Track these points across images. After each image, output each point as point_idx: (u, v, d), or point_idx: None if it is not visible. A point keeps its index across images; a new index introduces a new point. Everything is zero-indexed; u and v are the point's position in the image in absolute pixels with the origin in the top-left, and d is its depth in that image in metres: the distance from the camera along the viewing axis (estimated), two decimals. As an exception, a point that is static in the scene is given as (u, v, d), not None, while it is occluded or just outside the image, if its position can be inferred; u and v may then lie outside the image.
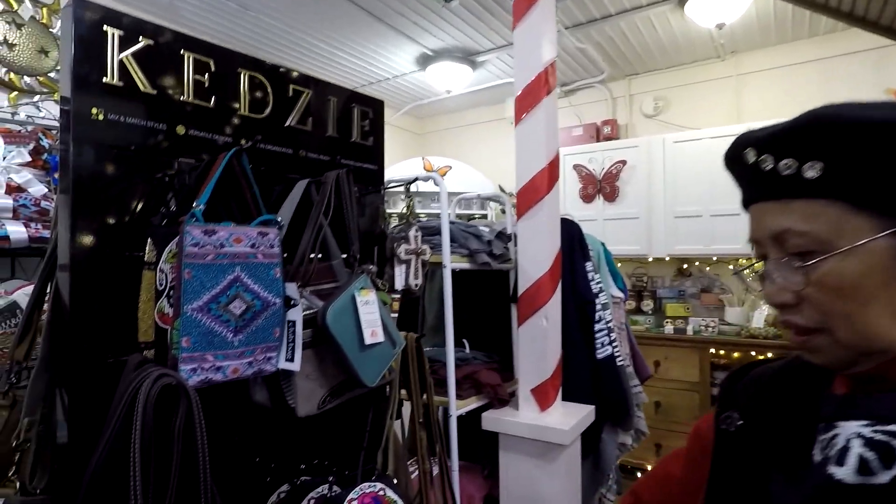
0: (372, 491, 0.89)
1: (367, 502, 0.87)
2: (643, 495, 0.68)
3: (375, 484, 0.89)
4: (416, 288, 1.04)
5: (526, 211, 1.52)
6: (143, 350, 0.77)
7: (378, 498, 0.89)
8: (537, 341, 1.48)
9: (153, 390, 0.62)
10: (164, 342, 0.73)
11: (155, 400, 0.62)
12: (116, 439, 0.63)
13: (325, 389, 0.86)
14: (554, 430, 1.37)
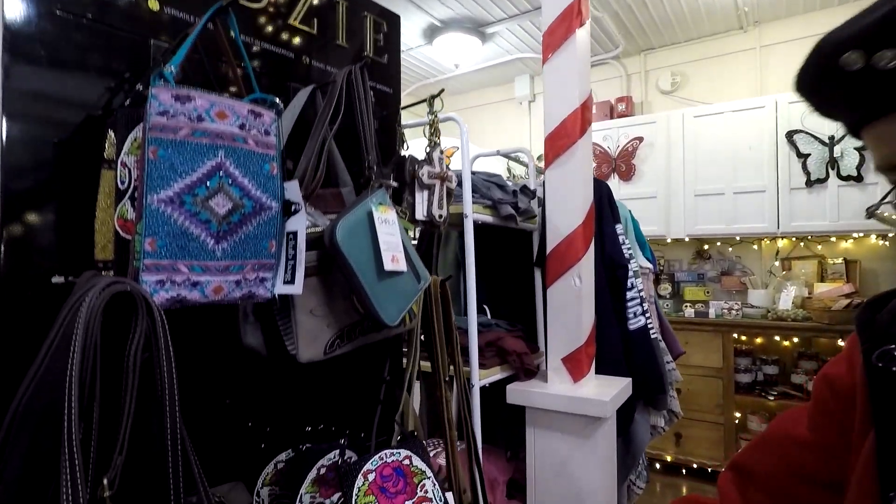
0: (395, 460, 0.71)
1: (389, 473, 0.70)
2: (754, 467, 0.53)
3: (399, 451, 0.72)
4: (441, 220, 0.87)
5: (555, 158, 1.35)
6: (101, 270, 0.60)
7: (402, 468, 0.71)
8: (569, 304, 1.31)
9: (99, 300, 0.45)
10: (125, 257, 0.56)
11: (102, 312, 0.45)
12: (48, 371, 0.46)
13: (332, 330, 0.68)
14: (591, 402, 1.20)
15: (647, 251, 1.98)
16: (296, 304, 0.65)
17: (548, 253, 1.35)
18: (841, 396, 0.46)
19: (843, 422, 0.44)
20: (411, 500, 0.70)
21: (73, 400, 0.42)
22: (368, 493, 0.68)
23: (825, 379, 0.49)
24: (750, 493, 0.52)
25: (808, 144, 2.82)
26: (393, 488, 0.70)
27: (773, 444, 0.53)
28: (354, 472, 0.68)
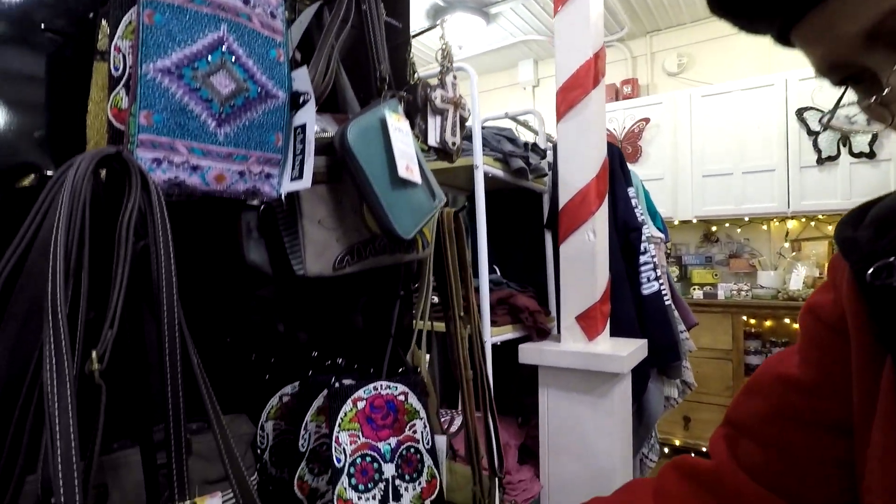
0: (390, 393, 0.67)
1: (380, 405, 0.66)
2: (744, 418, 0.47)
3: (396, 385, 0.67)
4: (454, 149, 0.82)
5: (568, 111, 1.30)
6: (94, 169, 0.55)
7: (395, 403, 0.67)
8: (583, 260, 1.26)
9: (87, 164, 0.41)
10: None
11: (92, 175, 0.40)
12: (34, 264, 0.41)
13: (342, 245, 0.64)
14: (608, 358, 1.16)
15: (658, 221, 1.94)
16: (303, 212, 0.61)
17: (560, 208, 1.31)
18: (830, 327, 0.42)
19: (836, 355, 0.40)
20: (397, 437, 0.66)
21: (59, 265, 0.38)
22: (354, 420, 0.64)
23: (811, 311, 0.45)
24: (741, 447, 0.46)
25: (818, 121, 2.77)
26: (381, 421, 0.65)
27: (762, 390, 0.47)
28: (344, 396, 0.63)
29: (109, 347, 0.38)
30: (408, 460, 0.66)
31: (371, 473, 0.63)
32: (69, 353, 0.36)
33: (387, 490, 0.63)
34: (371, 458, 0.63)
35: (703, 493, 0.46)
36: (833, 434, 0.41)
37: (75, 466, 0.35)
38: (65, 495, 0.35)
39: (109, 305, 0.39)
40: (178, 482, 0.48)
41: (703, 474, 0.47)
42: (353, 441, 0.63)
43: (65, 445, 0.35)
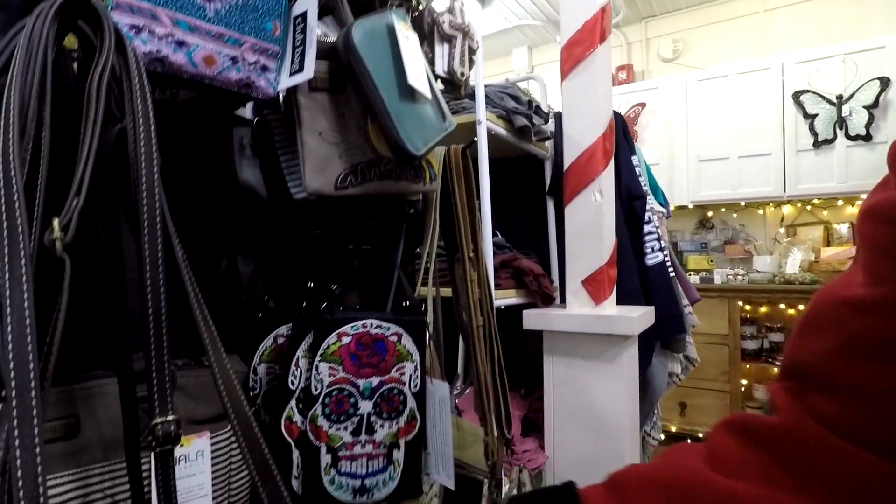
0: (380, 332, 0.61)
1: (367, 342, 0.60)
2: (805, 360, 0.38)
3: (389, 325, 0.62)
4: (462, 79, 0.77)
5: (573, 68, 1.25)
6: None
7: (385, 343, 0.61)
8: (589, 221, 1.21)
9: (50, 11, 0.34)
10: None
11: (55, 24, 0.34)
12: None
13: (344, 163, 0.58)
14: (617, 319, 1.11)
15: (659, 195, 1.90)
16: (302, 122, 0.55)
17: (566, 169, 1.26)
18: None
19: None
20: (381, 377, 0.61)
21: (13, 121, 0.32)
22: (336, 354, 0.59)
23: (873, 214, 0.36)
24: (811, 399, 0.37)
25: (815, 104, 2.76)
26: (366, 359, 0.60)
27: (824, 324, 0.38)
28: (329, 329, 0.58)
29: (75, 218, 0.31)
30: (389, 400, 0.61)
31: (346, 407, 0.58)
32: (24, 218, 0.30)
33: (360, 424, 0.59)
34: (348, 393, 0.58)
35: (770, 457, 0.37)
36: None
37: (30, 352, 0.29)
38: (17, 388, 0.29)
39: (77, 171, 0.33)
40: (160, 407, 0.42)
41: (769, 435, 0.38)
42: (332, 373, 0.57)
43: (17, 325, 0.29)
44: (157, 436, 0.37)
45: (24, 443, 0.27)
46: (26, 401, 0.29)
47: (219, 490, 0.56)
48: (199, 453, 0.53)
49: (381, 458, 0.59)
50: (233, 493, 0.58)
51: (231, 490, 0.58)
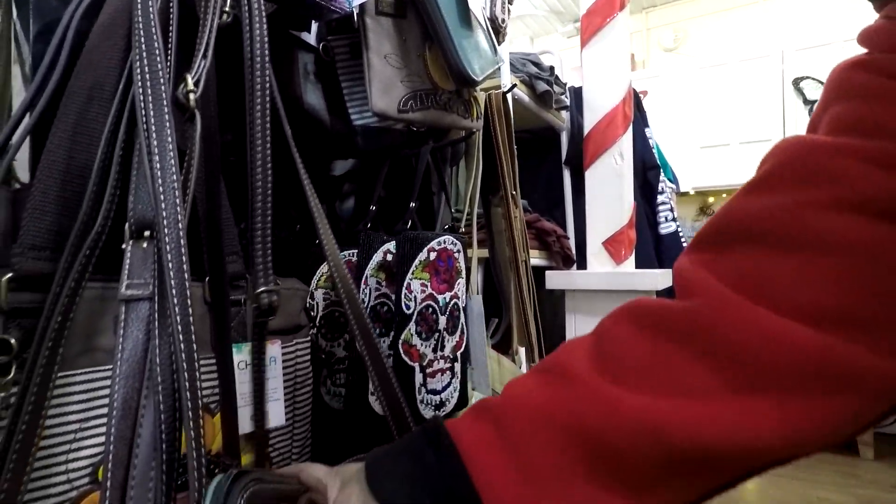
0: (453, 249, 0.63)
1: (445, 258, 0.62)
2: (756, 225, 0.31)
3: (456, 242, 0.64)
4: (503, 26, 0.79)
5: (592, 36, 1.29)
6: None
7: (452, 260, 0.63)
8: (610, 183, 1.24)
9: None
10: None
11: None
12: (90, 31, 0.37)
13: (406, 87, 0.60)
14: (639, 275, 1.14)
15: (668, 172, 1.94)
16: (370, 44, 0.57)
17: (586, 134, 1.29)
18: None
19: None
20: (448, 292, 0.63)
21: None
22: (425, 270, 0.61)
23: (858, 66, 0.33)
24: (746, 262, 0.30)
25: (815, 91, 2.82)
26: (444, 274, 0.63)
27: (794, 176, 0.31)
28: (422, 243, 0.60)
29: (204, 76, 0.34)
30: (451, 315, 0.63)
31: (431, 323, 0.60)
32: (163, 67, 0.32)
33: (439, 339, 0.61)
34: (432, 310, 0.61)
35: (681, 353, 0.30)
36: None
37: (177, 192, 0.31)
38: (169, 226, 0.31)
39: (202, 37, 0.35)
40: (263, 277, 0.44)
41: (676, 321, 0.31)
42: (422, 290, 0.59)
43: (164, 167, 0.31)
44: (261, 304, 0.39)
45: (180, 289, 0.29)
46: (174, 236, 0.31)
47: (285, 400, 0.58)
48: (273, 359, 0.55)
49: (449, 371, 0.61)
50: (298, 405, 0.60)
51: (297, 400, 0.60)
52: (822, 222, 0.29)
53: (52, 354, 0.32)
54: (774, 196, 0.31)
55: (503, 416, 0.33)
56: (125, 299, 0.32)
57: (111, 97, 0.41)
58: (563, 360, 0.34)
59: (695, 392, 0.28)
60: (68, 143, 0.40)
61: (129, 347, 0.30)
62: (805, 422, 0.27)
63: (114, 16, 0.42)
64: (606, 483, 0.29)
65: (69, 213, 0.39)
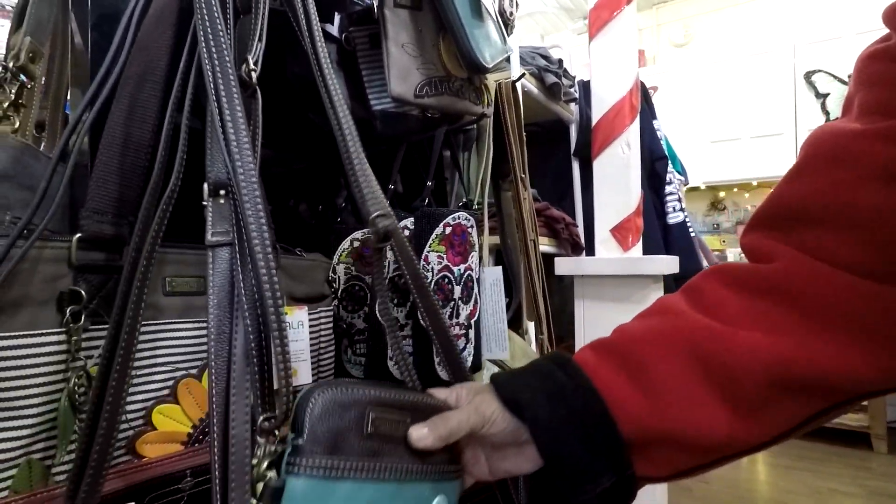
0: (467, 224, 0.68)
1: (459, 233, 0.67)
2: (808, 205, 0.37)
3: (469, 217, 0.68)
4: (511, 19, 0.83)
5: (601, 28, 1.32)
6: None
7: (466, 234, 0.68)
8: (618, 172, 1.28)
9: None
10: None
11: None
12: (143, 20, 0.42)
13: (422, 74, 0.65)
14: (646, 260, 1.18)
15: (677, 164, 1.96)
16: (388, 33, 0.62)
17: (594, 124, 1.33)
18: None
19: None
20: (462, 264, 0.68)
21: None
22: (441, 244, 0.65)
23: (874, 56, 0.37)
24: (808, 237, 0.36)
25: (827, 84, 2.81)
26: (458, 247, 0.67)
27: (827, 159, 0.36)
28: (437, 220, 0.65)
29: (261, 56, 0.39)
30: (465, 285, 0.68)
31: (447, 293, 0.65)
32: (230, 51, 0.37)
33: (454, 308, 0.66)
34: (448, 280, 0.65)
35: (774, 304, 0.35)
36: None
37: (250, 158, 0.36)
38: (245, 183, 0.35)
39: (256, 20, 0.40)
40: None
41: (764, 280, 0.36)
42: (439, 261, 0.64)
43: (238, 134, 0.36)
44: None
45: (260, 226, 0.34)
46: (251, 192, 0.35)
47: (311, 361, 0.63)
48: (300, 323, 0.60)
49: (463, 338, 0.66)
50: (322, 368, 0.65)
51: (321, 364, 0.65)
52: (854, 195, 0.34)
53: (138, 301, 0.37)
54: (813, 179, 0.37)
55: (620, 345, 0.38)
56: (211, 245, 0.37)
57: (162, 79, 0.46)
58: (666, 306, 0.39)
59: (793, 332, 0.34)
60: (125, 121, 0.45)
61: (217, 283, 0.35)
62: (886, 358, 0.32)
63: (162, 7, 0.48)
64: (722, 401, 0.34)
65: (128, 182, 0.45)
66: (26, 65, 0.50)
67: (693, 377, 0.35)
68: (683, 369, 0.35)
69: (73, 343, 0.41)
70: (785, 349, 0.34)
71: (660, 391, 0.35)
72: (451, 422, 0.35)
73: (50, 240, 0.42)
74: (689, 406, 0.35)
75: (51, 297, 0.41)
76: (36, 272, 0.41)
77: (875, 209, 0.33)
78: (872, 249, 0.33)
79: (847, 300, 0.34)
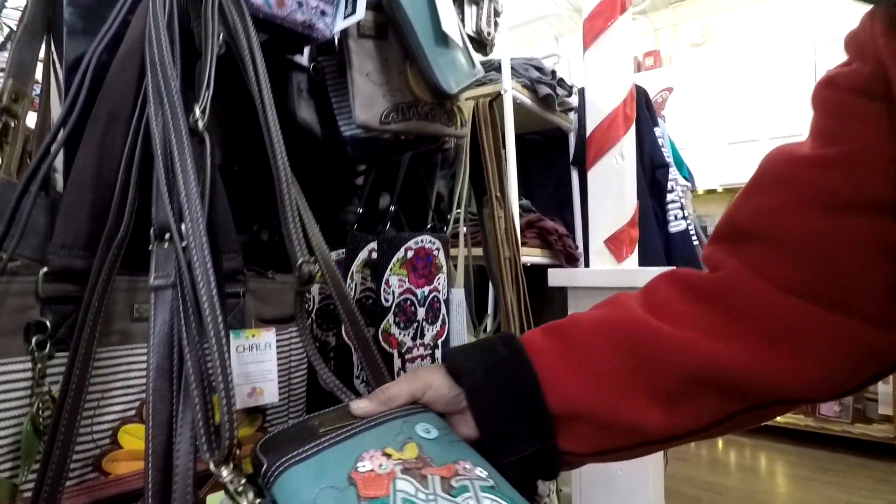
0: (431, 247, 0.69)
1: (423, 256, 0.68)
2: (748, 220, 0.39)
3: (434, 240, 0.70)
4: (489, 39, 0.85)
5: (595, 38, 1.32)
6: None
7: (431, 257, 0.69)
8: (611, 183, 1.27)
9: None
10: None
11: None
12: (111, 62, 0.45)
13: (388, 102, 0.67)
14: (637, 272, 1.17)
15: (683, 170, 1.93)
16: (353, 63, 0.64)
17: (588, 135, 1.32)
18: (858, 91, 0.36)
19: (868, 119, 0.35)
20: (427, 286, 0.69)
21: (164, 41, 0.41)
22: (403, 267, 0.67)
23: (829, 83, 0.38)
24: (752, 252, 0.38)
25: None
26: (422, 270, 0.69)
27: (770, 182, 0.39)
28: (398, 245, 0.66)
29: (208, 104, 0.41)
30: (431, 306, 0.69)
31: (409, 315, 0.67)
32: (180, 100, 0.40)
33: (417, 328, 0.67)
34: (411, 302, 0.67)
35: (712, 309, 0.38)
36: (873, 214, 0.34)
37: (197, 204, 0.38)
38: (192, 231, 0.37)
39: (203, 70, 0.43)
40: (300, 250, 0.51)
41: (706, 287, 0.39)
42: (400, 285, 0.66)
43: (186, 182, 0.38)
44: (302, 273, 0.45)
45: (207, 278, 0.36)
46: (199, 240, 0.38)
47: (281, 382, 0.66)
48: (267, 344, 0.63)
49: (429, 357, 0.68)
50: (293, 387, 0.68)
51: (291, 384, 0.67)
52: (790, 220, 0.37)
53: (92, 333, 0.40)
54: (760, 199, 0.39)
55: (566, 329, 0.42)
56: (154, 287, 0.39)
57: (128, 120, 0.49)
58: (618, 300, 0.43)
59: (721, 335, 0.37)
60: (93, 159, 0.48)
61: (159, 324, 0.38)
62: (807, 368, 0.35)
63: (129, 50, 0.50)
64: (644, 390, 0.38)
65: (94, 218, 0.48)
66: (9, 105, 0.54)
67: (622, 365, 0.38)
68: (616, 356, 0.39)
69: (37, 370, 0.44)
70: (710, 350, 0.37)
71: (590, 373, 0.39)
72: (390, 390, 0.40)
73: (18, 274, 0.45)
74: (614, 390, 0.38)
75: (18, 328, 0.44)
76: (4, 305, 0.44)
77: (810, 235, 0.36)
78: (803, 271, 0.36)
79: (774, 314, 0.36)
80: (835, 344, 0.35)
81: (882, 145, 0.34)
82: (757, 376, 0.36)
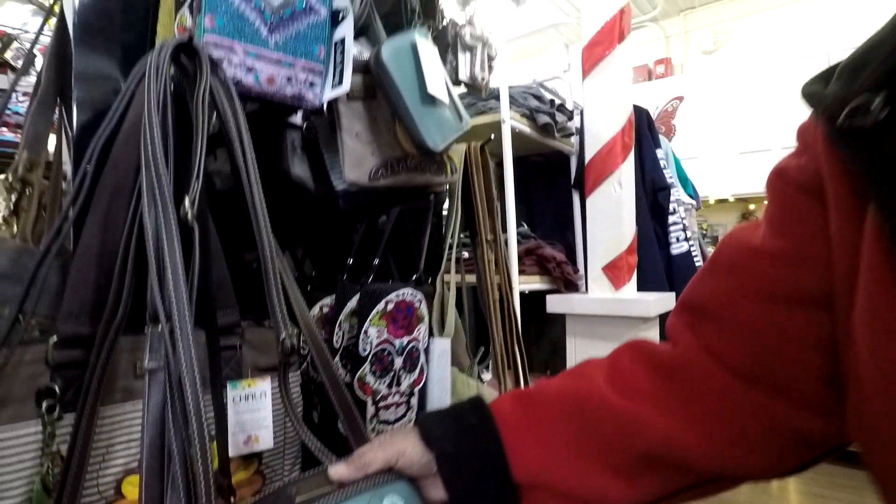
0: (412, 300, 0.72)
1: (403, 308, 0.71)
2: (705, 300, 0.42)
3: (416, 293, 0.72)
4: (483, 84, 0.87)
5: (593, 67, 1.33)
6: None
7: (412, 308, 0.72)
8: (609, 211, 1.29)
9: (167, 52, 0.48)
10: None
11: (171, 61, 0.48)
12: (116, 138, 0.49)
13: (377, 159, 0.70)
14: (634, 302, 1.18)
15: (688, 188, 1.93)
16: (342, 125, 0.67)
17: (587, 162, 1.34)
18: (802, 188, 0.37)
19: (808, 217, 0.36)
20: (407, 337, 0.72)
21: (156, 132, 0.45)
22: (382, 319, 0.70)
23: (780, 174, 0.40)
24: (705, 331, 0.40)
25: None
26: (402, 321, 0.72)
27: (724, 266, 0.41)
28: (377, 298, 0.69)
29: (198, 196, 0.44)
30: (409, 356, 0.72)
31: (386, 364, 0.70)
32: (170, 195, 0.43)
33: (394, 377, 0.70)
34: (388, 352, 0.70)
35: (666, 386, 0.40)
36: (809, 308, 0.35)
37: (184, 292, 0.42)
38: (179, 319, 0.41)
39: (193, 160, 0.46)
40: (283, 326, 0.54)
41: (664, 363, 0.41)
42: (378, 336, 0.69)
43: (174, 271, 0.42)
44: (285, 348, 0.48)
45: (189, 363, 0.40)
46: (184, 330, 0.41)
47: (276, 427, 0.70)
48: (262, 393, 0.66)
49: (404, 405, 0.71)
50: (289, 430, 0.71)
51: (287, 427, 0.71)
52: (740, 306, 0.39)
53: (96, 396, 0.44)
54: (716, 281, 0.42)
55: (534, 399, 0.45)
56: (150, 370, 0.43)
57: (129, 194, 0.53)
58: (583, 372, 0.46)
59: (672, 412, 0.39)
60: (98, 231, 0.52)
61: (152, 404, 0.42)
62: (747, 451, 0.38)
63: (130, 129, 0.54)
64: (600, 464, 0.40)
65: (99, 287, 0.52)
66: (25, 175, 0.59)
67: (581, 439, 0.41)
68: (575, 430, 0.42)
69: (47, 432, 0.49)
70: (660, 426, 0.39)
71: (552, 446, 0.42)
72: (366, 456, 0.43)
73: (31, 343, 0.49)
74: (573, 463, 0.41)
75: (30, 393, 0.49)
76: (17, 374, 0.48)
77: (756, 322, 0.38)
78: (750, 355, 0.38)
79: (720, 397, 0.38)
80: (774, 429, 0.37)
81: (819, 244, 0.35)
82: (700, 455, 0.38)
